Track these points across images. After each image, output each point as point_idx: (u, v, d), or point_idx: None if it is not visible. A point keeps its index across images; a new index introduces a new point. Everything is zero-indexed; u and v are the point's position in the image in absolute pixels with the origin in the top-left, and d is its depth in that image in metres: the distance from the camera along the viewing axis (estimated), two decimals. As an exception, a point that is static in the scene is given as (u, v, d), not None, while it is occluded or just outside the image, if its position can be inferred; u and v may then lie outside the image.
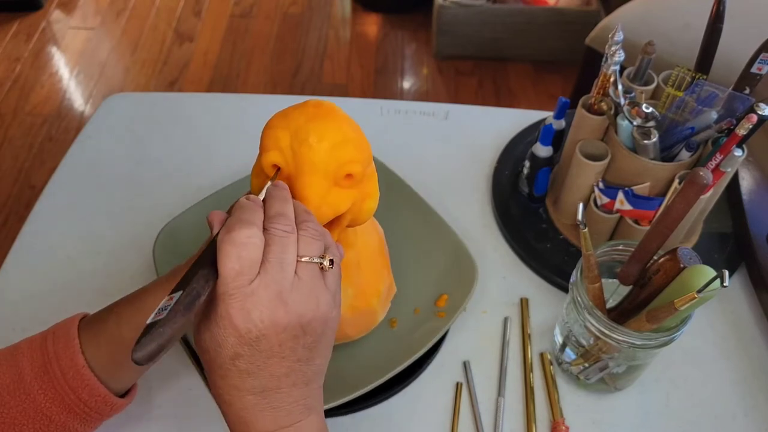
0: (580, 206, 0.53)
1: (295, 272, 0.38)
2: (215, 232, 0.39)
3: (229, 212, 0.43)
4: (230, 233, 0.37)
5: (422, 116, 0.89)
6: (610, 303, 0.59)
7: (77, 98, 2.01)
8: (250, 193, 0.44)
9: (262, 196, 0.42)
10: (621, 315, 0.56)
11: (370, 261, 0.57)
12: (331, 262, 0.40)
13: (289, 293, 0.38)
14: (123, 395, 0.51)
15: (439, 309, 0.64)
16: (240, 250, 0.36)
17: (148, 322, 0.34)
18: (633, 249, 0.54)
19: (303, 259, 0.39)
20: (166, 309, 0.35)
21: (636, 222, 0.66)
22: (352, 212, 0.48)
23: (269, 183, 0.44)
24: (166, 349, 0.34)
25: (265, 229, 0.38)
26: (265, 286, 0.37)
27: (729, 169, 0.60)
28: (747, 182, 0.75)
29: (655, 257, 0.53)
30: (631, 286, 0.56)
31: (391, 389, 0.62)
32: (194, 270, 0.37)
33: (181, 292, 0.35)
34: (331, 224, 0.48)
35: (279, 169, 0.45)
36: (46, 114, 1.95)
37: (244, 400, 0.39)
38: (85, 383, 0.47)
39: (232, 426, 0.40)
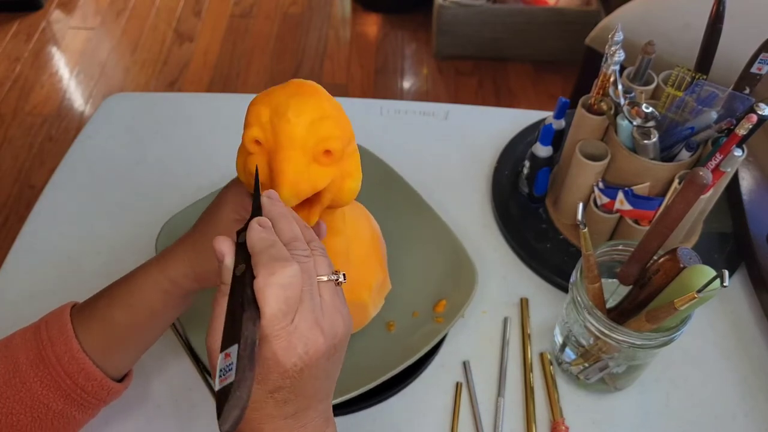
0: (580, 206, 0.53)
1: (319, 294, 0.38)
2: (227, 261, 0.38)
3: (218, 205, 0.42)
4: (273, 275, 0.35)
5: (422, 116, 0.89)
6: (610, 303, 0.59)
7: (77, 98, 2.01)
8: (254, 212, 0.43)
9: (254, 183, 0.43)
10: (621, 315, 0.56)
11: (359, 251, 0.57)
12: (344, 276, 0.40)
13: (322, 318, 0.38)
14: (120, 381, 0.51)
15: (437, 314, 0.64)
16: (287, 291, 0.36)
17: (217, 389, 0.33)
18: (633, 249, 0.54)
19: (321, 279, 0.39)
20: (230, 368, 0.33)
21: (636, 222, 0.66)
22: (332, 191, 0.48)
23: (258, 189, 0.43)
24: (246, 406, 0.33)
25: None
26: (304, 319, 0.36)
27: (729, 169, 0.60)
28: (747, 182, 0.75)
29: (655, 257, 0.53)
30: (630, 286, 0.56)
31: (392, 389, 0.62)
32: (234, 316, 0.35)
33: (236, 346, 0.34)
34: (311, 202, 0.47)
35: (259, 144, 0.45)
36: (46, 114, 1.95)
37: (275, 424, 0.38)
38: (80, 367, 0.47)
39: None
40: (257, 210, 0.41)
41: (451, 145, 0.85)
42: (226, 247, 0.38)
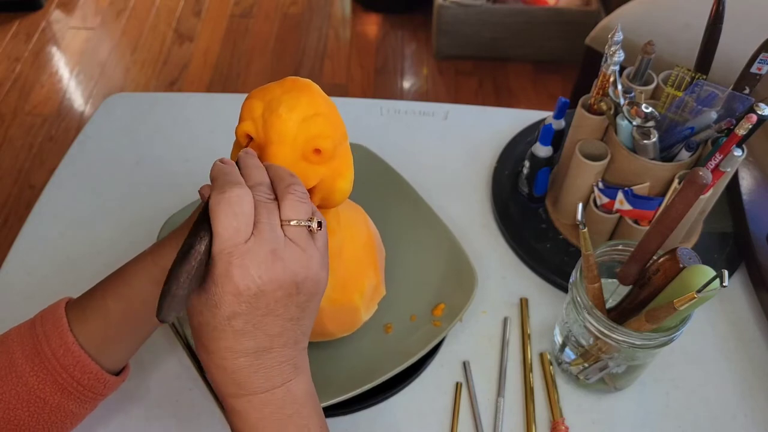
0: (580, 206, 0.54)
1: (286, 234, 0.39)
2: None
3: None
4: (223, 193, 0.38)
5: (422, 116, 0.89)
6: (610, 303, 0.59)
7: (77, 98, 2.01)
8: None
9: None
10: (621, 315, 0.56)
11: (353, 254, 0.57)
12: (319, 224, 0.41)
13: (283, 251, 0.39)
14: (117, 374, 0.51)
15: (435, 318, 0.63)
16: (235, 207, 0.37)
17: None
18: (632, 249, 0.54)
19: (292, 222, 0.40)
20: None
21: (636, 222, 0.66)
22: (322, 190, 0.48)
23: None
24: (178, 299, 0.36)
25: None
26: (260, 245, 0.38)
27: (729, 169, 0.60)
28: (747, 182, 0.75)
29: (655, 257, 0.53)
30: (630, 286, 0.56)
31: (391, 389, 0.62)
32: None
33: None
34: None
35: (251, 139, 0.46)
36: (46, 114, 1.95)
37: (237, 362, 0.39)
38: (76, 360, 0.47)
39: (223, 389, 0.41)
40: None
41: (451, 145, 0.85)
42: (207, 191, 0.41)
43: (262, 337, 0.39)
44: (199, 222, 0.38)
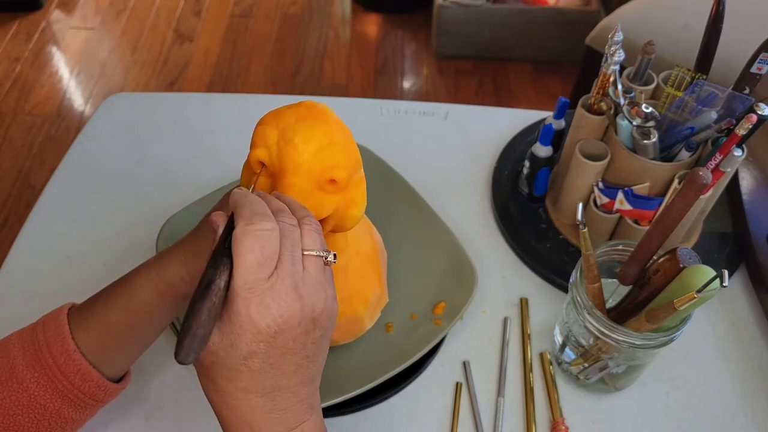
0: (580, 206, 0.54)
1: (304, 265, 0.38)
2: (220, 231, 0.39)
3: (220, 207, 0.42)
4: (252, 224, 0.36)
5: (422, 116, 0.89)
6: (610, 303, 0.59)
7: (77, 98, 2.01)
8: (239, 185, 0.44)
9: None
10: (621, 315, 0.56)
11: (359, 268, 0.57)
12: (335, 256, 0.40)
13: (302, 286, 0.37)
14: (118, 381, 0.51)
15: (435, 316, 0.63)
16: (263, 242, 0.36)
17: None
18: (633, 249, 0.54)
19: (309, 253, 0.39)
20: None
21: (636, 222, 0.66)
22: (336, 218, 0.47)
23: (254, 183, 0.45)
24: (199, 338, 0.34)
25: None
26: (282, 280, 0.36)
27: (729, 169, 0.60)
28: (747, 182, 0.75)
29: (655, 257, 0.53)
30: (630, 286, 0.56)
31: (392, 389, 0.62)
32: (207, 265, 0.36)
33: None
34: None
35: (264, 165, 0.45)
36: (46, 114, 1.95)
37: (251, 402, 0.38)
38: (77, 368, 0.47)
39: None
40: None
41: (451, 145, 0.85)
42: (220, 220, 0.39)
43: (278, 376, 0.38)
44: (219, 252, 0.36)
